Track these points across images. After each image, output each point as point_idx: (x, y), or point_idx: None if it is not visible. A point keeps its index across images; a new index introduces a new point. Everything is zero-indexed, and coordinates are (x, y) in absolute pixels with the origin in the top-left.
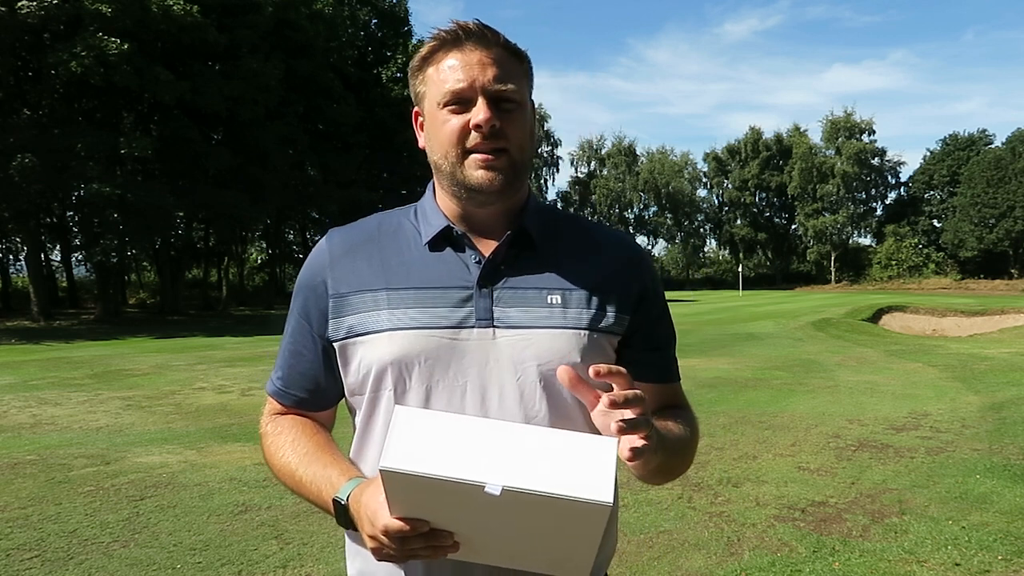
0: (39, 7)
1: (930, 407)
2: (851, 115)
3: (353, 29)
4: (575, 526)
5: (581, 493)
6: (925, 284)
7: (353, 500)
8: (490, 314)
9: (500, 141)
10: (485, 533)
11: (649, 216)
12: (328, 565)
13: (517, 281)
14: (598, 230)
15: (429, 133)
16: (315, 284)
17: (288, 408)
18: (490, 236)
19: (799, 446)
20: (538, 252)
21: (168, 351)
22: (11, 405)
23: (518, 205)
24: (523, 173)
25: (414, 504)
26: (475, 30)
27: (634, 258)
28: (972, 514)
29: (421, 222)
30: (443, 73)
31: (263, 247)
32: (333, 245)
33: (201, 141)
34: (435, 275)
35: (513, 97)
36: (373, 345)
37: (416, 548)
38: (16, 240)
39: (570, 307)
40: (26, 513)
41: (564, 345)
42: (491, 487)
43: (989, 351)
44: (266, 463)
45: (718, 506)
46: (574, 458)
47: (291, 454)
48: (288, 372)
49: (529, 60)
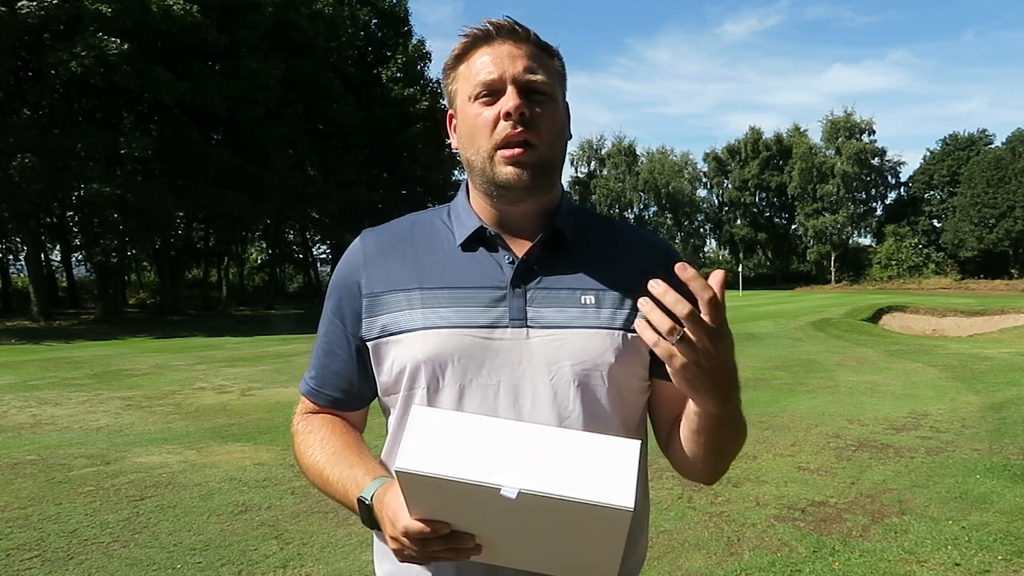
0: (39, 7)
1: (930, 407)
2: (851, 115)
3: (353, 29)
4: (597, 530)
5: (601, 497)
6: (925, 284)
7: (377, 500)
8: (524, 314)
9: (529, 133)
10: (506, 536)
11: (649, 216)
12: (328, 565)
13: (551, 281)
14: (632, 231)
15: (461, 130)
16: (349, 284)
17: (321, 408)
18: (523, 236)
19: (799, 446)
20: (571, 253)
21: (168, 351)
22: (11, 405)
23: (552, 205)
24: (553, 171)
25: (432, 505)
26: (506, 26)
27: (668, 258)
28: (972, 514)
29: (454, 222)
30: (474, 68)
31: (263, 247)
32: (367, 245)
33: (201, 141)
34: (469, 275)
35: (544, 89)
36: (407, 344)
37: (437, 550)
38: (16, 240)
39: (604, 307)
40: (26, 513)
41: (598, 345)
42: (507, 490)
43: (989, 351)
44: (296, 462)
45: (718, 506)
46: (595, 460)
47: (320, 453)
48: (321, 372)
49: (561, 58)
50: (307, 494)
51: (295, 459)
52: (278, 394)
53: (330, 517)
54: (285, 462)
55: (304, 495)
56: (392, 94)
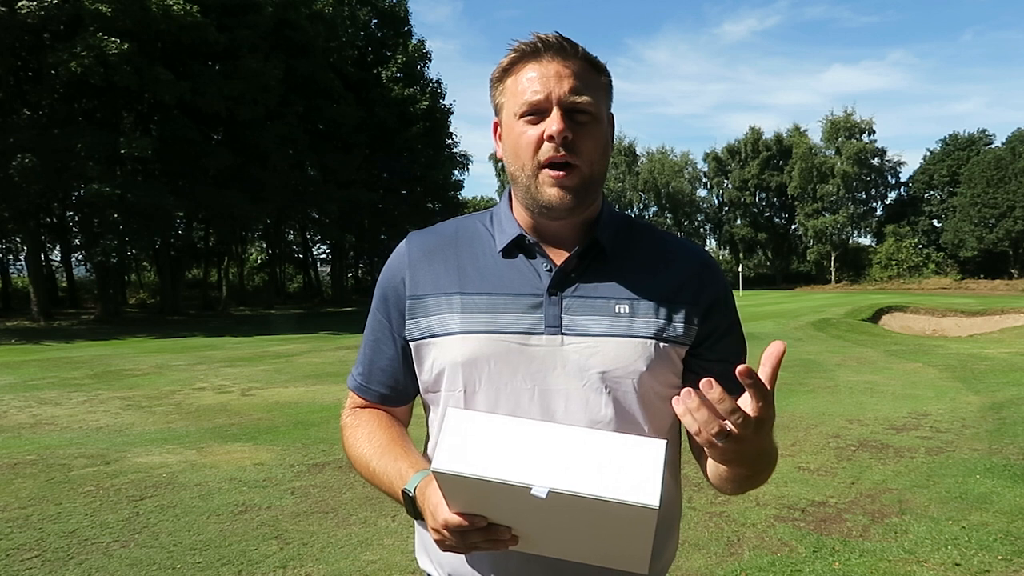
0: (39, 7)
1: (930, 407)
2: (851, 115)
3: (353, 29)
4: (625, 526)
5: (627, 496)
6: (925, 284)
7: (419, 492)
8: (559, 321)
9: (571, 155)
10: (540, 529)
11: (649, 216)
12: (328, 565)
13: (586, 290)
14: (670, 240)
15: (506, 144)
16: (395, 284)
17: (369, 403)
18: (562, 246)
19: (799, 446)
20: (609, 262)
21: (168, 351)
22: (11, 405)
23: (592, 216)
24: (595, 188)
25: (469, 501)
26: (554, 42)
27: (705, 269)
28: (972, 514)
29: (496, 229)
30: (521, 84)
31: (263, 247)
32: (412, 248)
33: (201, 141)
34: (507, 281)
35: (588, 109)
36: (446, 347)
37: (476, 541)
38: (16, 240)
39: (637, 316)
40: (26, 513)
41: (630, 353)
42: (537, 489)
43: (989, 351)
44: (345, 454)
45: (718, 506)
46: (622, 460)
47: (367, 446)
48: (368, 368)
49: (608, 73)
50: (307, 494)
51: (343, 451)
52: (278, 394)
53: (330, 517)
54: (285, 462)
55: (304, 495)
56: (392, 94)
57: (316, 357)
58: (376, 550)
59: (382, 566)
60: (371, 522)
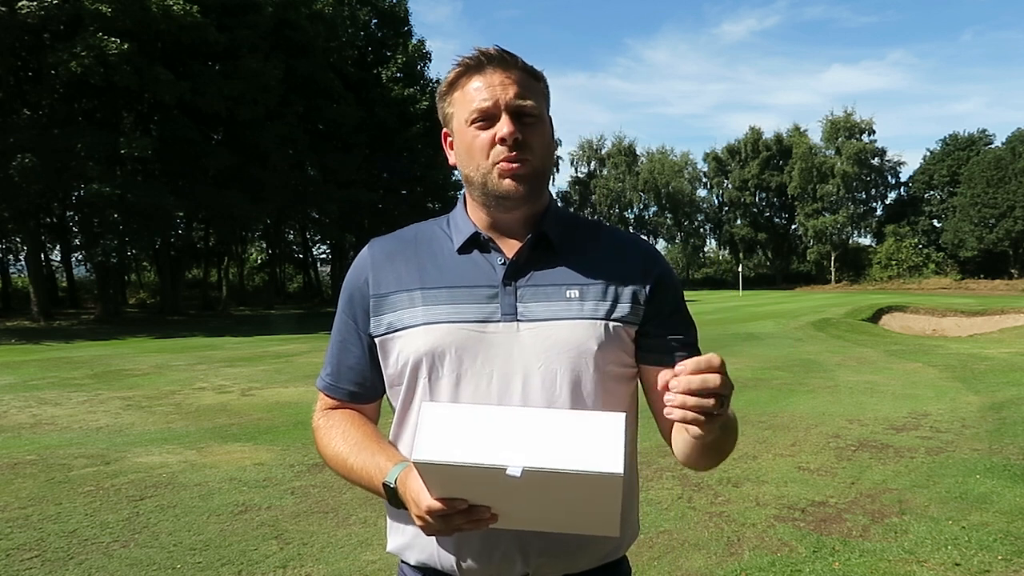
0: (39, 7)
1: (930, 407)
2: (851, 115)
3: (353, 29)
4: (595, 495)
5: (594, 466)
6: (925, 284)
7: (400, 483)
8: (514, 309)
9: (524, 152)
10: (517, 505)
11: (649, 216)
12: (328, 565)
13: (538, 278)
14: (614, 232)
15: (459, 150)
16: (359, 285)
17: (339, 402)
18: (513, 239)
19: (799, 446)
20: (557, 252)
21: (168, 351)
22: (11, 405)
23: (539, 211)
24: (545, 180)
25: (449, 486)
26: (496, 55)
27: (648, 255)
28: (972, 514)
29: (453, 230)
30: (469, 95)
31: (263, 247)
32: (375, 251)
33: (201, 141)
34: (465, 275)
35: (532, 112)
36: (410, 338)
37: (459, 523)
38: (16, 240)
39: (587, 300)
40: (26, 513)
41: (582, 335)
42: (512, 469)
43: (989, 351)
44: (319, 454)
45: (718, 506)
46: (586, 435)
47: (342, 444)
48: (337, 368)
49: (545, 80)
50: (307, 494)
51: (318, 451)
52: (278, 394)
53: (330, 517)
54: (285, 462)
55: (304, 495)
56: (392, 94)
57: (316, 357)
58: (376, 550)
59: (382, 566)
60: (371, 522)
